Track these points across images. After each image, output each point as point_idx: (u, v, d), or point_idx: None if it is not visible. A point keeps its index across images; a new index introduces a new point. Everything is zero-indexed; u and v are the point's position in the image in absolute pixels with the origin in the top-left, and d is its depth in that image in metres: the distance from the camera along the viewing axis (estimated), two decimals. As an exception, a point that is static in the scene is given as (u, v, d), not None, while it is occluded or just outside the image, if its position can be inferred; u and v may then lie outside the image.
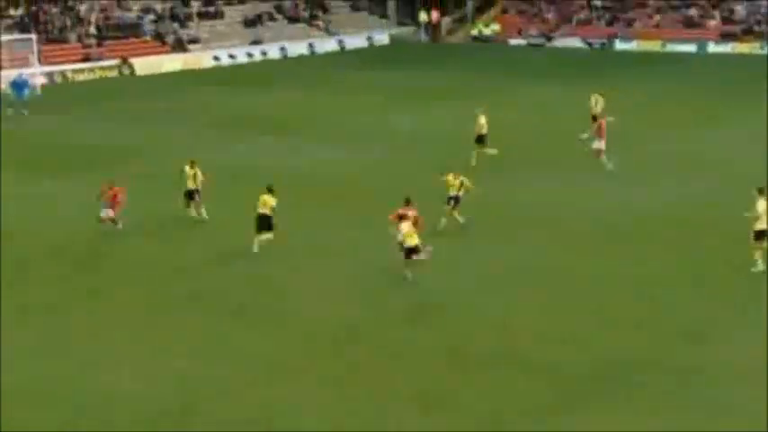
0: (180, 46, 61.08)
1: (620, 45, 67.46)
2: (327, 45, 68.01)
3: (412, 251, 22.28)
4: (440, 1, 73.91)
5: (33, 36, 51.66)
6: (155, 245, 25.76)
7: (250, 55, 63.25)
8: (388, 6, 76.91)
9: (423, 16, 73.35)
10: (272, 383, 17.80)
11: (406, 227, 22.44)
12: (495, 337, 19.59)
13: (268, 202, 24.34)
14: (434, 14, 73.30)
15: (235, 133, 39.62)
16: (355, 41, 69.68)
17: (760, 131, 37.25)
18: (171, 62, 58.68)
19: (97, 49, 57.43)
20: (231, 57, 62.00)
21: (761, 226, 22.64)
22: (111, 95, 49.50)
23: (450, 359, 18.58)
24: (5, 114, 43.11)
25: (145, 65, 57.18)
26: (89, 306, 21.63)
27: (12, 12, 57.22)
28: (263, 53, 63.94)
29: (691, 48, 65.21)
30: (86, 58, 56.15)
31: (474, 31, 72.96)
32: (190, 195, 27.11)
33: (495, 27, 72.67)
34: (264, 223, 24.36)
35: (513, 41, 70.67)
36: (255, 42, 64.77)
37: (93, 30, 58.71)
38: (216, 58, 61.13)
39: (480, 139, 32.74)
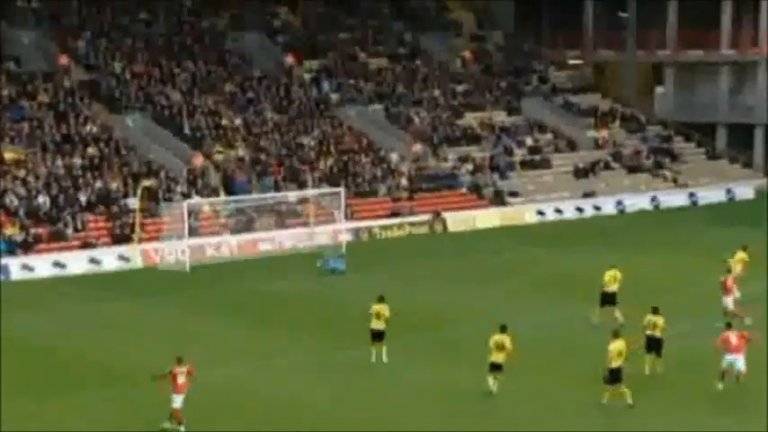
0: (499, 199, 61.31)
1: None
2: (676, 199, 66.35)
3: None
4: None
5: (341, 189, 53.02)
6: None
7: (580, 210, 62.63)
8: (754, 153, 73.66)
9: (797, 165, 70.40)
10: None
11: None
12: None
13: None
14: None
15: (558, 299, 39.48)
16: (711, 195, 67.65)
17: None
18: (487, 217, 59.06)
19: (407, 202, 58.44)
20: (558, 211, 61.64)
21: None
22: (419, 254, 50.63)
23: None
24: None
25: (458, 220, 57.81)
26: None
27: (323, 163, 59.53)
28: (596, 207, 63.18)
29: None
30: (395, 213, 57.16)
31: None
32: (376, 336, 30.88)
33: None
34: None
35: None
36: (587, 195, 64.13)
37: (404, 182, 59.92)
38: (540, 213, 61.00)
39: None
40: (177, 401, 25.41)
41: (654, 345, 29.70)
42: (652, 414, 27.42)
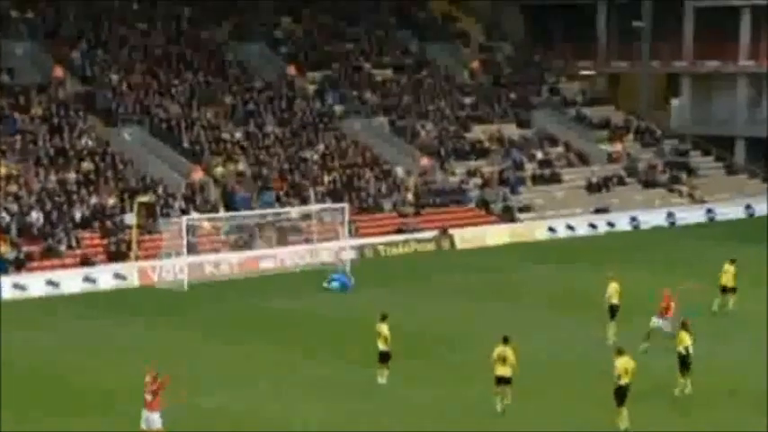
0: (508, 215, 61.43)
1: None
2: (692, 215, 66.59)
3: None
4: None
5: (345, 205, 53.06)
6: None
7: (593, 226, 62.74)
8: (774, 168, 73.97)
9: (821, 179, 70.63)
10: None
11: None
12: None
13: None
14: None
15: (569, 318, 39.63)
16: (729, 211, 67.84)
17: None
18: (497, 233, 59.15)
19: (414, 218, 58.51)
20: (569, 228, 61.77)
21: None
22: (426, 272, 50.63)
23: None
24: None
25: (466, 236, 57.90)
26: None
27: (326, 178, 59.62)
28: (610, 224, 63.22)
29: None
30: (401, 230, 57.20)
31: None
32: (381, 357, 30.66)
33: None
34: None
35: None
36: (600, 211, 64.18)
37: (410, 197, 60.02)
38: (551, 229, 61.06)
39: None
40: (144, 419, 25.16)
41: (680, 361, 29.81)
42: (653, 415, 27.74)
